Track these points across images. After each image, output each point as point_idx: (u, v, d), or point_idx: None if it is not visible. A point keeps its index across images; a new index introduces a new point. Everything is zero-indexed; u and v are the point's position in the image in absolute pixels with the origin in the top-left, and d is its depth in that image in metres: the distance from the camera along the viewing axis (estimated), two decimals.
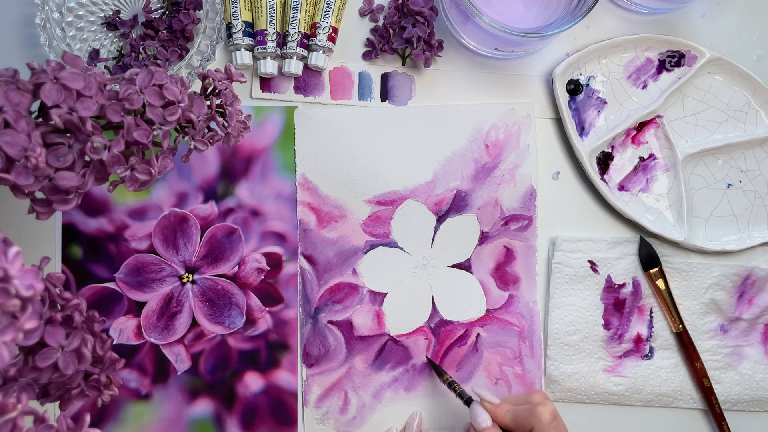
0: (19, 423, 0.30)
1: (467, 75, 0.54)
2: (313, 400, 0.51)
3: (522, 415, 0.44)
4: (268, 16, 0.51)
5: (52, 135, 0.33)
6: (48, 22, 0.50)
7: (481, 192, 0.53)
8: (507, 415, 0.45)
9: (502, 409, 0.45)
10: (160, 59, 0.50)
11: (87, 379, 0.39)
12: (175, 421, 0.51)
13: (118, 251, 0.51)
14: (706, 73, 0.54)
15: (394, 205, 0.52)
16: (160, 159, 0.37)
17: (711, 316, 0.53)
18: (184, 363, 0.51)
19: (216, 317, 0.51)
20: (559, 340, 0.52)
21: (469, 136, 0.53)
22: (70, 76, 0.33)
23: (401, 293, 0.52)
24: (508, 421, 0.44)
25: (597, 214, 0.54)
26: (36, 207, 0.35)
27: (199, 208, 0.52)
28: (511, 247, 0.53)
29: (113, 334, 0.51)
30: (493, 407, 0.45)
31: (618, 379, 0.52)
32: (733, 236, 0.54)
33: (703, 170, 0.54)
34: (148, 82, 0.35)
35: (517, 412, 0.44)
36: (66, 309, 0.36)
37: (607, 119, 0.54)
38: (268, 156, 0.53)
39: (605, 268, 0.53)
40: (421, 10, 0.50)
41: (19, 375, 0.34)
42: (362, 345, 0.52)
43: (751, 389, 0.53)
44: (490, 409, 0.45)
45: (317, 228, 0.52)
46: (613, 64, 0.54)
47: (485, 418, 0.44)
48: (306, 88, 0.53)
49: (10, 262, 0.28)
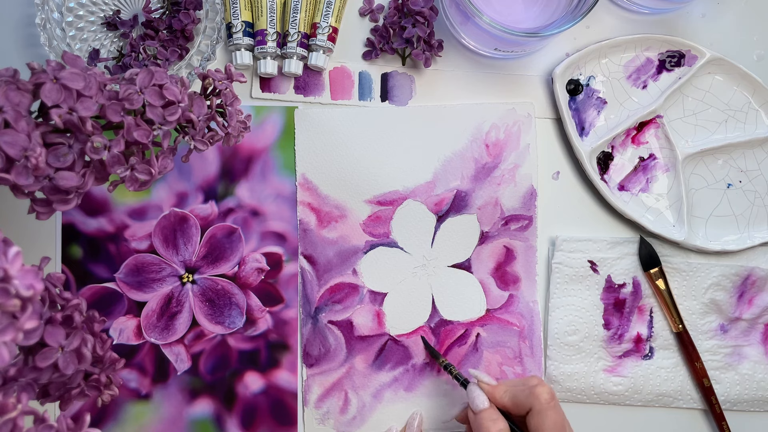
0: (19, 423, 0.30)
1: (467, 75, 0.54)
2: (313, 400, 0.51)
3: (521, 395, 0.43)
4: (268, 16, 0.51)
5: (52, 135, 0.33)
6: (48, 22, 0.50)
7: (482, 192, 0.53)
8: (505, 396, 0.44)
9: (499, 390, 0.45)
10: (160, 59, 0.50)
11: (87, 379, 0.39)
12: (175, 421, 0.51)
13: (118, 251, 0.51)
14: (706, 73, 0.54)
15: (394, 205, 0.52)
16: (160, 159, 0.37)
17: (711, 316, 0.53)
18: (184, 363, 0.51)
19: (216, 317, 0.51)
20: (559, 340, 0.52)
21: (470, 136, 0.53)
22: (70, 76, 0.33)
23: (401, 293, 0.52)
24: (506, 401, 0.44)
25: (597, 214, 0.54)
26: (36, 207, 0.35)
27: (199, 208, 0.52)
28: (511, 247, 0.53)
29: (113, 334, 0.51)
30: (491, 388, 0.45)
31: (618, 379, 0.52)
32: (733, 236, 0.54)
33: (703, 170, 0.54)
34: (148, 82, 0.35)
35: (516, 393, 0.44)
36: (66, 309, 0.36)
37: (607, 119, 0.54)
38: (268, 156, 0.53)
39: (605, 268, 0.53)
40: (421, 10, 0.50)
41: (19, 375, 0.34)
42: (362, 345, 0.52)
43: (751, 389, 0.53)
44: (487, 390, 0.45)
45: (317, 228, 0.52)
46: (613, 64, 0.54)
47: (483, 399, 0.44)
48: (306, 88, 0.53)
49: (10, 262, 0.28)
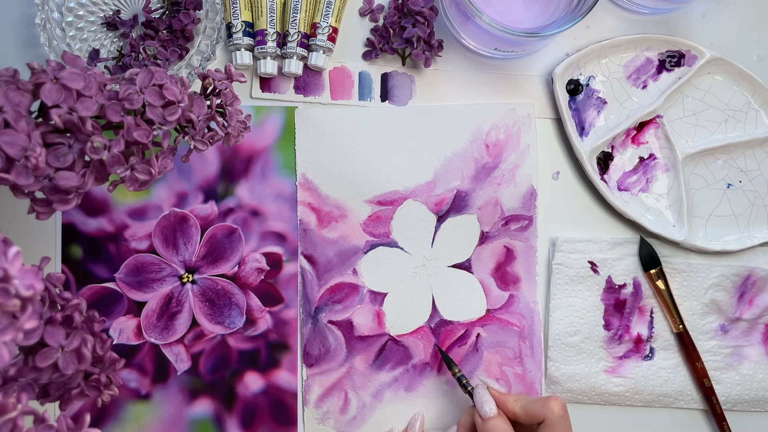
0: (19, 423, 0.30)
1: (467, 75, 0.54)
2: (313, 400, 0.51)
3: (534, 406, 0.43)
4: (268, 16, 0.51)
5: (52, 135, 0.33)
6: (48, 22, 0.50)
7: (482, 192, 0.53)
8: (516, 404, 0.44)
9: (510, 399, 0.44)
10: (160, 59, 0.50)
11: (87, 379, 0.39)
12: (175, 421, 0.51)
13: (118, 251, 0.51)
14: (706, 73, 0.54)
15: (395, 205, 0.52)
16: (160, 159, 0.37)
17: (711, 316, 0.53)
18: (184, 363, 0.51)
19: (216, 317, 0.51)
20: (560, 341, 0.52)
21: (470, 136, 0.53)
22: (70, 76, 0.33)
23: (401, 293, 0.52)
24: (517, 409, 0.43)
25: (597, 214, 0.54)
26: (36, 207, 0.35)
27: (199, 208, 0.52)
28: (511, 247, 0.53)
29: (113, 334, 0.51)
30: (501, 396, 0.44)
31: (619, 380, 0.52)
32: (734, 236, 0.53)
33: (703, 170, 0.54)
34: (148, 82, 0.35)
35: (529, 403, 0.43)
36: (66, 309, 0.36)
37: (607, 119, 0.54)
38: (268, 156, 0.53)
39: (605, 268, 0.53)
40: (421, 10, 0.50)
41: (19, 375, 0.34)
42: (362, 345, 0.52)
43: (752, 389, 0.53)
44: (496, 397, 0.44)
45: (317, 228, 0.52)
46: (613, 64, 0.54)
47: (492, 405, 0.43)
48: (306, 88, 0.53)
49: (10, 262, 0.28)
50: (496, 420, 0.43)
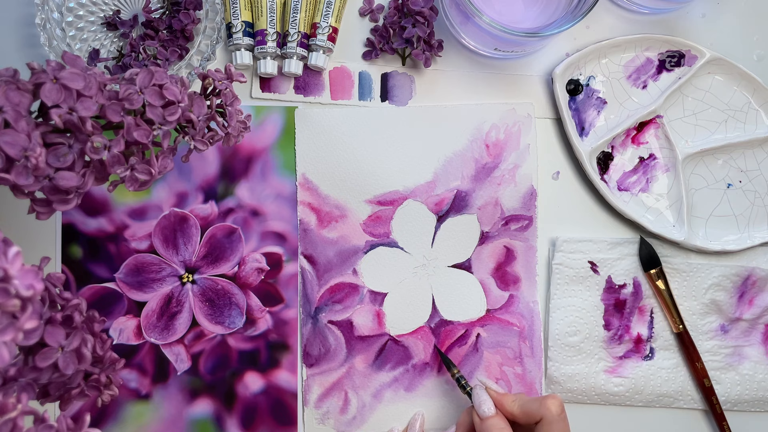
0: (19, 423, 0.30)
1: (467, 75, 0.54)
2: (313, 400, 0.51)
3: (532, 406, 0.43)
4: (268, 16, 0.51)
5: (52, 135, 0.33)
6: (48, 22, 0.50)
7: (482, 192, 0.53)
8: (514, 404, 0.44)
9: (508, 399, 0.44)
10: (160, 59, 0.50)
11: (87, 379, 0.39)
12: (175, 421, 0.51)
13: (118, 251, 0.51)
14: (706, 73, 0.54)
15: (395, 205, 0.52)
16: (160, 159, 0.37)
17: (711, 316, 0.53)
18: (184, 363, 0.51)
19: (216, 317, 0.51)
20: (560, 341, 0.52)
21: (470, 136, 0.53)
22: (70, 76, 0.33)
23: (401, 293, 0.52)
24: (515, 409, 0.43)
25: (597, 214, 0.54)
26: (36, 207, 0.35)
27: (199, 208, 0.52)
28: (511, 247, 0.53)
29: (113, 334, 0.51)
30: (499, 396, 0.44)
31: (619, 380, 0.52)
32: (733, 236, 0.53)
33: (703, 170, 0.54)
34: (148, 82, 0.35)
35: (526, 402, 0.43)
36: (66, 309, 0.36)
37: (607, 119, 0.54)
38: (268, 156, 0.53)
39: (606, 268, 0.53)
40: (421, 10, 0.50)
41: (19, 375, 0.34)
42: (362, 345, 0.52)
43: (752, 389, 0.53)
44: (494, 397, 0.44)
45: (317, 228, 0.52)
46: (613, 64, 0.54)
47: (490, 405, 0.44)
48: (306, 88, 0.53)
49: (10, 262, 0.28)
50: (494, 419, 0.43)
